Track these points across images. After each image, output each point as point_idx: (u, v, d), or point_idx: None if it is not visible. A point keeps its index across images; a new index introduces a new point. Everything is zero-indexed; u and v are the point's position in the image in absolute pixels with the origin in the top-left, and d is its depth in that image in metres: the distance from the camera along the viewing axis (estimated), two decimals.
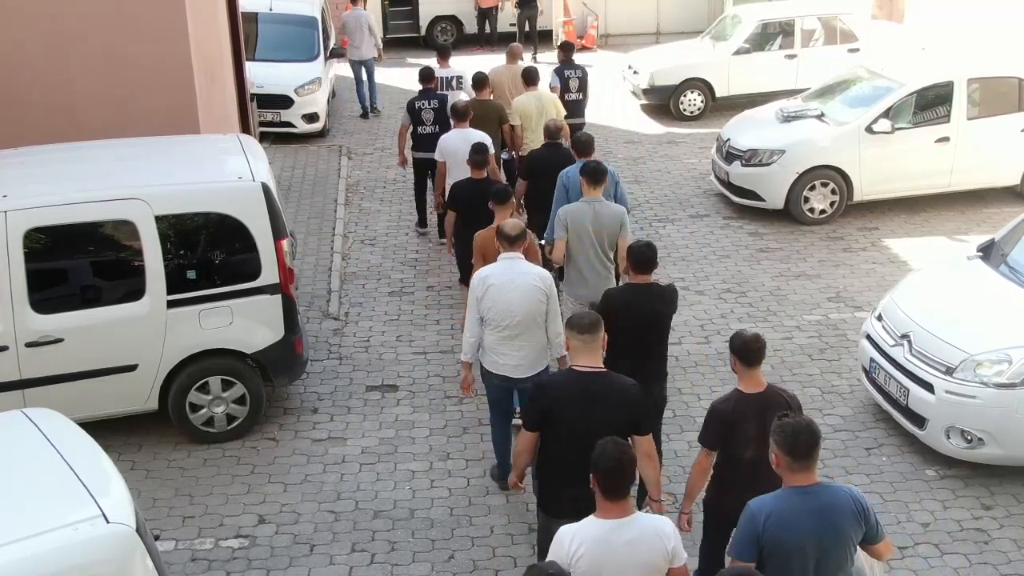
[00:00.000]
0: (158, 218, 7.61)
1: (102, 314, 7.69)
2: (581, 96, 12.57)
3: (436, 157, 10.54)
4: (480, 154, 9.38)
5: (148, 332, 7.75)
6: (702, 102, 16.49)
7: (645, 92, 16.65)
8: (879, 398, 8.28)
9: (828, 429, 8.31)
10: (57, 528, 4.59)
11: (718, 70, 16.36)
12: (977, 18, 16.94)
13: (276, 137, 15.36)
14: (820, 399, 8.73)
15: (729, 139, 12.81)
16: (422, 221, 12.27)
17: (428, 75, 11.91)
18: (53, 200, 7.56)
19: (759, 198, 12.42)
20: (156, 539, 5.42)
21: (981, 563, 6.81)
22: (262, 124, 14.50)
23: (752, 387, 5.70)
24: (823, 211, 12.29)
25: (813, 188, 12.18)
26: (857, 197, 12.24)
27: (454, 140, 10.36)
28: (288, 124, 15.43)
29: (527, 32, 20.51)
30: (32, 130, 9.06)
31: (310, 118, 15.54)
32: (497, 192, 8.25)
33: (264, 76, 14.82)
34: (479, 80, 11.69)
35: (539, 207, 9.48)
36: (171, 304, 7.74)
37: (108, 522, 4.64)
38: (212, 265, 8.03)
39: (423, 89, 11.80)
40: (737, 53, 16.30)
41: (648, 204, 13.11)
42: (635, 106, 17.23)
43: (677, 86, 16.39)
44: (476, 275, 7.14)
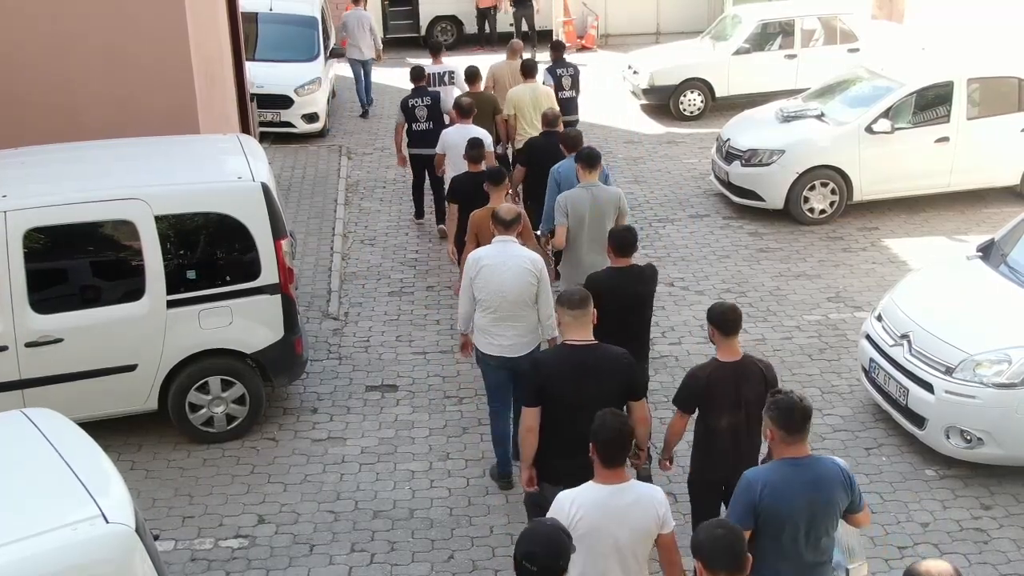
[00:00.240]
0: (158, 218, 7.61)
1: (102, 314, 7.70)
2: (574, 93, 12.81)
3: (437, 150, 10.81)
4: (476, 149, 9.61)
5: (148, 332, 7.75)
6: (702, 102, 16.49)
7: (645, 92, 16.65)
8: (879, 398, 8.28)
9: (828, 429, 8.32)
10: (56, 528, 4.57)
11: (718, 70, 16.36)
12: (977, 18, 16.95)
13: (276, 137, 15.37)
14: (820, 399, 8.73)
15: (729, 139, 12.81)
16: (419, 213, 12.60)
17: (419, 74, 12.09)
18: (53, 200, 7.57)
19: (759, 198, 12.42)
20: (156, 539, 5.41)
21: (980, 563, 6.82)
22: (262, 124, 14.50)
23: (729, 356, 5.91)
24: (823, 211, 12.29)
25: (813, 188, 12.18)
26: (857, 197, 12.24)
27: (455, 136, 10.56)
28: (288, 124, 15.44)
29: (524, 31, 20.55)
30: (32, 130, 9.06)
31: (310, 118, 15.56)
32: (491, 174, 8.62)
33: (264, 76, 14.83)
34: (472, 73, 12.02)
35: (537, 194, 9.67)
36: (171, 304, 7.74)
37: (107, 522, 4.62)
38: (212, 265, 8.04)
39: (415, 87, 11.98)
40: (737, 53, 16.30)
41: (648, 204, 13.11)
42: (635, 106, 17.23)
43: (677, 86, 16.39)
44: (470, 256, 7.41)
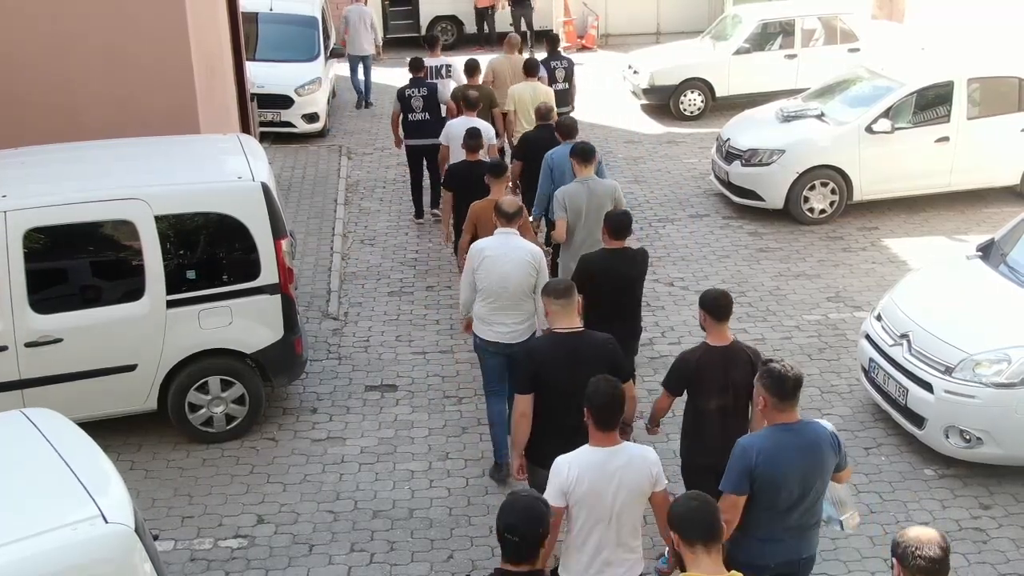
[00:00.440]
0: (158, 218, 7.61)
1: (102, 314, 7.70)
2: (567, 86, 13.20)
3: (441, 140, 11.10)
4: (474, 139, 9.91)
5: (147, 332, 7.75)
6: (702, 102, 16.49)
7: (645, 92, 16.66)
8: (878, 398, 8.29)
9: None
10: (56, 528, 4.58)
11: (718, 70, 16.36)
12: (977, 18, 16.94)
13: (276, 137, 15.37)
14: (819, 399, 8.73)
15: (729, 139, 12.81)
16: (419, 212, 12.64)
17: (418, 64, 12.35)
18: (53, 200, 7.56)
19: (759, 198, 12.42)
20: (155, 539, 5.42)
21: (980, 562, 6.82)
22: (262, 124, 14.51)
23: (719, 341, 6.10)
24: (823, 211, 12.29)
25: (813, 188, 12.18)
26: (857, 197, 12.24)
27: (458, 127, 10.77)
28: (288, 124, 15.45)
29: (522, 31, 20.58)
30: (32, 130, 9.06)
31: (310, 118, 15.57)
32: (492, 166, 8.99)
33: (264, 76, 14.85)
34: (472, 66, 12.26)
35: (533, 186, 9.92)
36: (171, 304, 7.74)
37: (107, 522, 4.63)
38: (212, 265, 8.04)
39: (413, 78, 12.22)
40: (737, 53, 16.30)
41: (648, 204, 13.11)
42: (635, 106, 17.23)
43: (677, 86, 16.40)
44: (473, 246, 7.65)
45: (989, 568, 6.79)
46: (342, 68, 17.99)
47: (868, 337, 8.46)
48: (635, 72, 17.00)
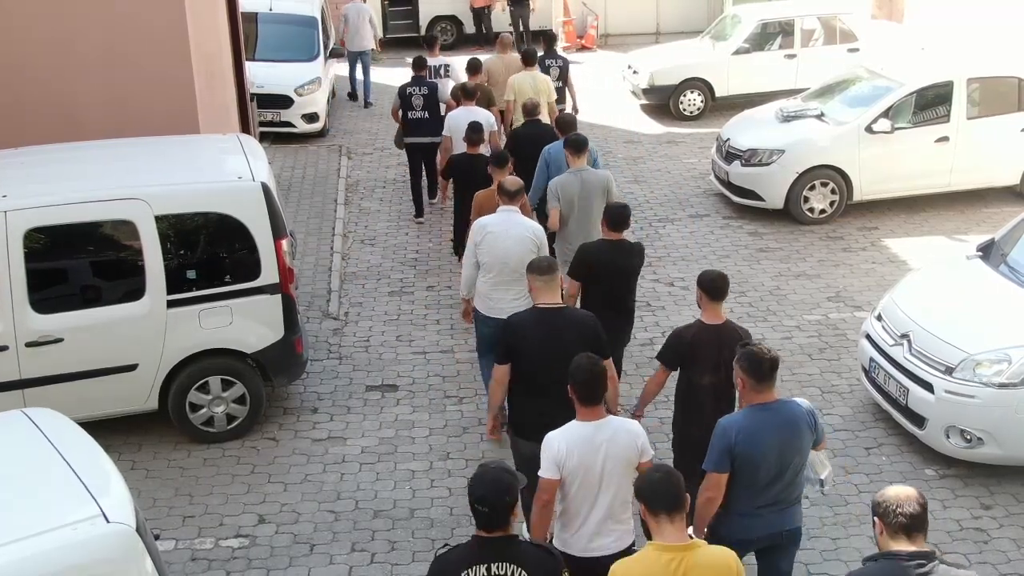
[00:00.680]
0: (158, 218, 7.61)
1: (102, 314, 7.70)
2: (562, 84, 13.33)
3: (444, 132, 11.34)
4: (476, 133, 10.23)
5: (148, 332, 7.75)
6: (702, 102, 16.49)
7: (645, 92, 16.66)
8: (879, 398, 8.29)
9: (828, 429, 8.29)
10: (57, 528, 4.59)
11: (718, 70, 16.36)
12: (977, 18, 16.94)
13: (276, 137, 15.36)
14: (820, 399, 8.73)
15: (729, 139, 12.81)
16: (419, 211, 12.69)
17: (421, 63, 12.54)
18: (53, 200, 7.56)
19: (759, 198, 12.43)
20: (156, 539, 5.41)
21: (980, 563, 6.82)
22: (262, 124, 14.50)
23: (713, 319, 6.39)
24: (823, 211, 12.29)
25: (813, 188, 12.18)
26: (857, 197, 12.24)
27: (460, 117, 11.02)
28: (288, 124, 15.44)
29: (520, 31, 20.59)
30: (32, 130, 9.06)
31: (310, 118, 15.56)
32: (495, 156, 9.35)
33: (264, 76, 14.84)
34: (474, 66, 12.59)
35: (522, 177, 9.98)
36: (171, 304, 7.74)
37: (108, 522, 4.64)
38: (212, 265, 8.04)
39: (415, 76, 12.35)
40: (737, 53, 16.30)
41: (648, 204, 13.11)
42: (635, 106, 17.23)
43: (677, 86, 16.39)
44: (476, 223, 7.96)
45: (990, 568, 6.79)
46: (342, 68, 17.99)
47: (868, 337, 8.46)
48: (635, 72, 17.00)
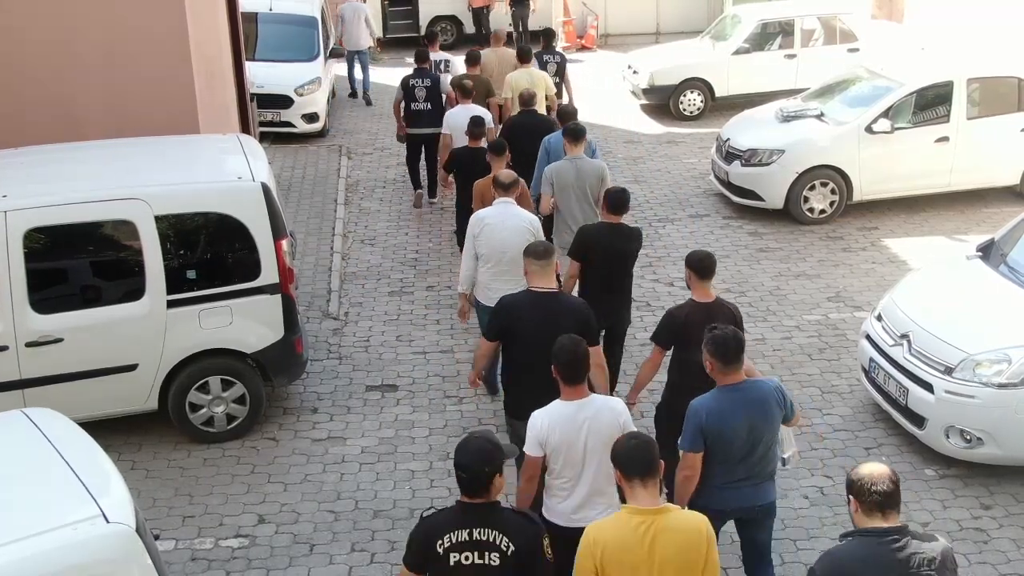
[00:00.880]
0: (158, 218, 7.61)
1: (102, 314, 7.70)
2: (559, 79, 13.50)
3: (443, 130, 11.54)
4: (477, 127, 10.43)
5: (148, 332, 7.75)
6: (702, 102, 16.50)
7: (645, 92, 16.66)
8: (878, 398, 8.29)
9: (828, 429, 8.32)
10: (57, 528, 4.58)
11: (718, 70, 16.37)
12: (977, 18, 16.94)
13: (276, 137, 15.36)
14: (820, 399, 8.73)
15: (729, 139, 12.81)
16: (415, 184, 13.09)
17: (423, 56, 12.84)
18: (53, 200, 7.56)
19: (759, 198, 12.43)
20: (156, 539, 5.40)
21: (980, 563, 6.82)
22: (262, 124, 14.50)
23: (703, 297, 6.61)
24: (823, 211, 12.29)
25: (813, 188, 12.18)
26: (857, 197, 12.24)
27: (459, 116, 11.24)
28: (288, 124, 15.44)
29: (519, 31, 20.61)
30: (32, 130, 9.06)
31: (310, 118, 15.56)
32: (493, 145, 9.56)
33: (264, 76, 14.85)
34: (473, 57, 12.86)
35: (518, 166, 10.21)
36: (171, 304, 7.74)
37: (108, 522, 4.63)
38: (212, 265, 8.04)
39: (417, 68, 12.67)
40: (737, 53, 16.30)
41: (648, 204, 13.11)
42: (635, 106, 17.23)
43: (677, 86, 16.40)
44: (474, 216, 8.18)
45: (990, 568, 6.79)
46: (342, 68, 18.02)
47: (868, 337, 8.46)
48: (635, 72, 17.00)
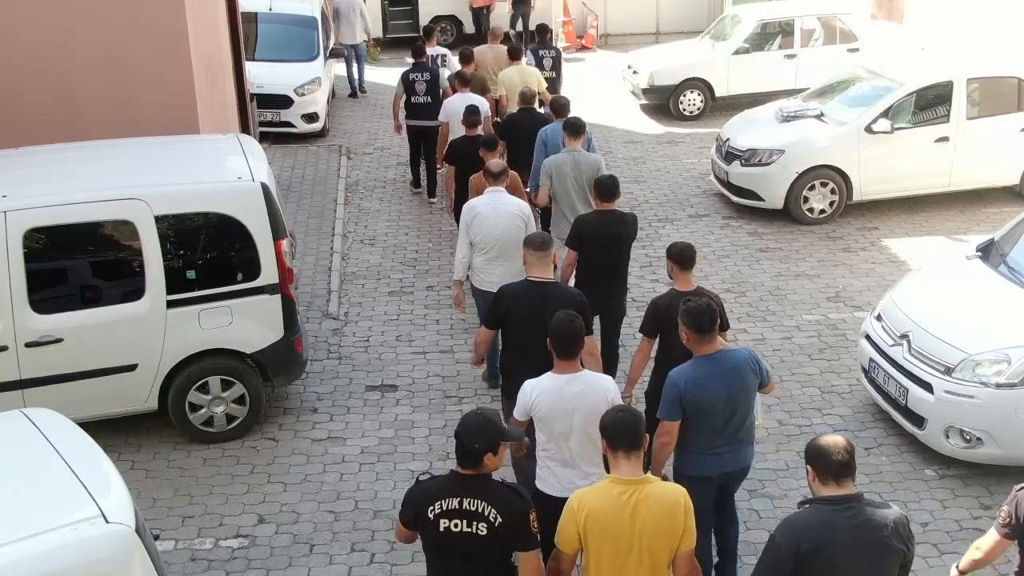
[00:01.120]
0: (158, 218, 7.61)
1: (102, 314, 7.70)
2: (555, 75, 13.80)
3: (440, 118, 11.77)
4: (473, 115, 10.62)
5: (148, 332, 7.75)
6: (702, 102, 16.50)
7: (645, 92, 16.66)
8: (878, 398, 8.29)
9: (827, 429, 8.31)
10: (56, 528, 4.58)
11: (718, 70, 16.37)
12: (977, 18, 16.94)
13: (276, 137, 15.36)
14: (819, 399, 8.74)
15: (729, 139, 12.82)
16: (416, 182, 13.40)
17: (420, 50, 13.13)
18: (53, 200, 7.56)
19: (758, 198, 12.43)
20: (156, 539, 5.40)
21: None
22: (262, 124, 14.50)
23: (685, 287, 6.86)
24: (822, 211, 12.29)
25: (812, 188, 12.19)
26: (856, 197, 12.24)
27: (456, 104, 11.42)
28: (288, 124, 15.44)
29: (519, 30, 20.61)
30: (32, 130, 9.06)
31: (310, 118, 15.56)
32: (486, 140, 9.78)
33: (264, 76, 14.84)
34: (466, 55, 13.14)
35: (519, 161, 10.36)
36: (171, 304, 7.74)
37: (107, 522, 4.63)
38: (212, 265, 8.04)
39: (416, 62, 12.88)
40: (737, 53, 16.30)
41: (648, 204, 13.11)
42: (635, 106, 17.23)
43: (677, 86, 16.40)
44: (466, 205, 8.38)
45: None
46: (341, 68, 18.04)
47: (868, 337, 8.46)
48: (635, 72, 17.00)
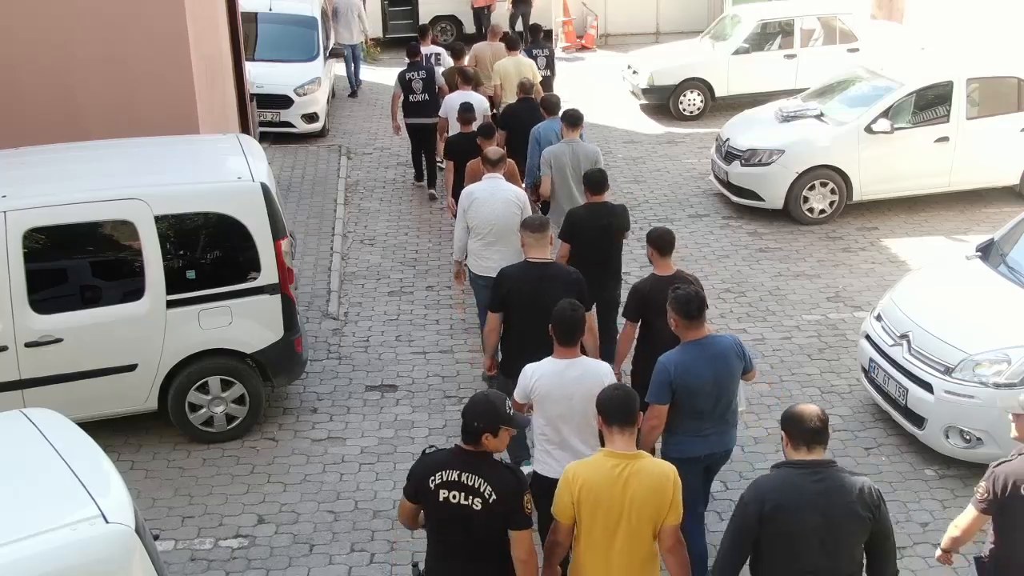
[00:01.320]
0: (158, 218, 7.61)
1: (102, 314, 7.70)
2: (549, 73, 14.05)
3: (440, 114, 12.09)
4: (468, 112, 10.89)
5: (147, 332, 7.75)
6: (702, 102, 16.49)
7: (645, 92, 16.66)
8: (878, 398, 8.29)
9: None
10: (56, 528, 4.58)
11: (718, 70, 16.36)
12: (977, 18, 16.94)
13: (276, 137, 15.36)
14: (819, 399, 8.73)
15: (728, 139, 12.81)
16: (418, 175, 13.66)
17: (415, 49, 13.37)
18: (53, 200, 7.56)
19: (758, 198, 12.43)
20: (155, 539, 5.41)
21: None
22: (262, 124, 14.51)
23: (664, 271, 7.09)
24: (822, 211, 12.29)
25: (812, 188, 12.18)
26: (856, 197, 12.24)
27: (456, 100, 11.63)
28: (288, 124, 15.45)
29: (519, 30, 20.60)
30: (32, 130, 9.06)
31: (310, 118, 15.57)
32: (482, 128, 10.07)
33: (264, 76, 14.85)
34: (458, 50, 13.55)
35: (517, 150, 10.57)
36: (170, 304, 7.74)
37: (107, 522, 4.63)
38: (212, 265, 8.03)
39: (412, 62, 13.07)
40: (737, 53, 16.30)
41: (648, 204, 13.11)
42: (635, 106, 17.23)
43: (677, 86, 16.40)
44: (464, 191, 8.64)
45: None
46: (341, 68, 18.06)
47: (868, 337, 8.46)
48: (635, 72, 17.00)
